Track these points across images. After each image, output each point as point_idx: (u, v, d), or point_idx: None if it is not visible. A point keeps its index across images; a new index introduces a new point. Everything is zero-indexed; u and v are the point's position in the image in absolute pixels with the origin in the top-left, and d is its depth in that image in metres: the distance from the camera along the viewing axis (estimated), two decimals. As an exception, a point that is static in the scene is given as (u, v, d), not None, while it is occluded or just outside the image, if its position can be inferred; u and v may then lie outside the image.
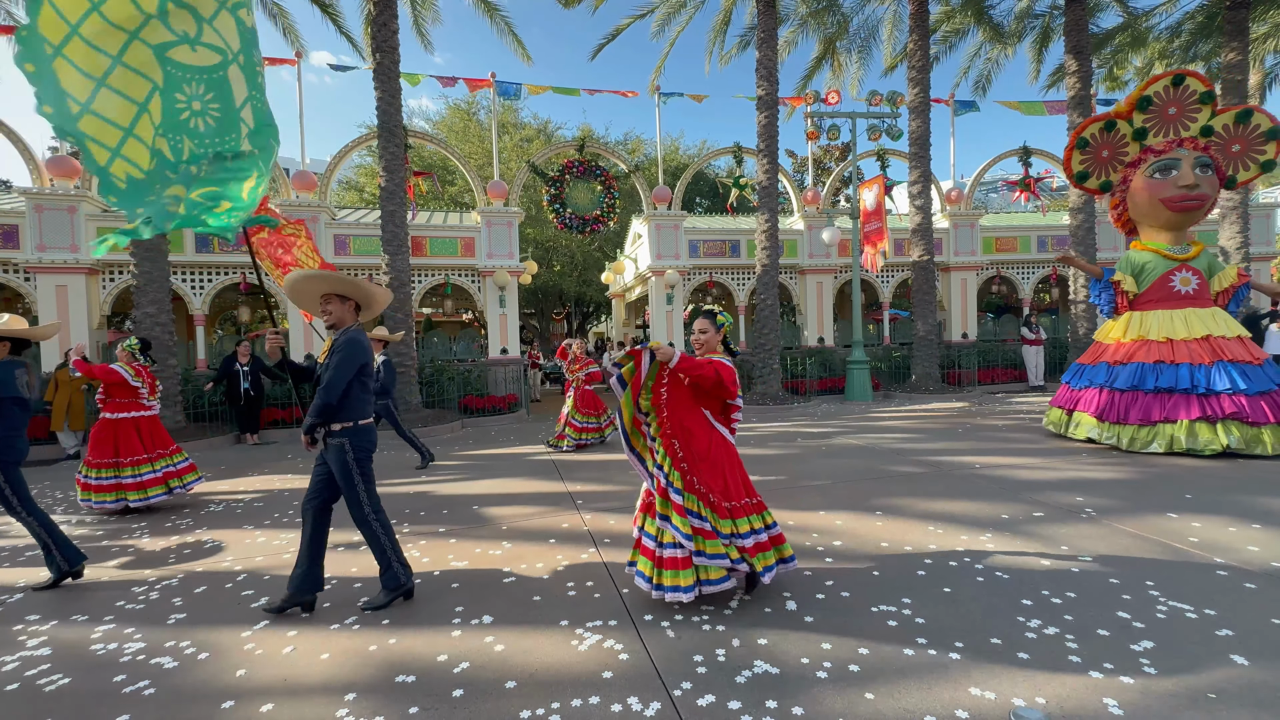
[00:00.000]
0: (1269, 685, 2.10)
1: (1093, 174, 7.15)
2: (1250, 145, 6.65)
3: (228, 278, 11.65)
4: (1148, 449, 5.88)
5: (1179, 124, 6.65)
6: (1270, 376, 5.82)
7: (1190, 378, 5.87)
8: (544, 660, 2.47)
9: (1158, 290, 6.50)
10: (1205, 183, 6.30)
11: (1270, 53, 16.20)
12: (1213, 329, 6.08)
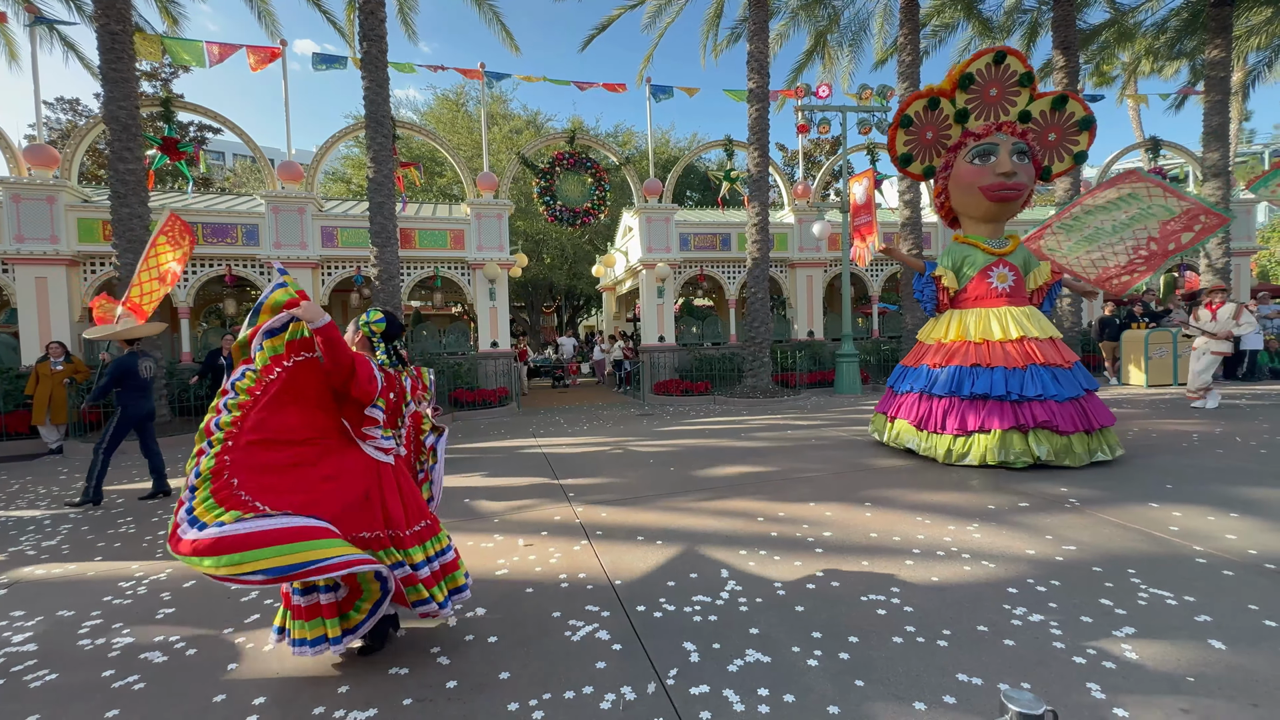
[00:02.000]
0: (1245, 669, 2.16)
1: (917, 157, 6.53)
2: (1065, 135, 6.20)
3: (213, 270, 11.48)
4: (963, 462, 5.42)
5: (1000, 106, 6.14)
6: (1080, 382, 5.46)
7: (1005, 383, 5.40)
8: (537, 652, 2.48)
9: (976, 287, 5.96)
10: (1023, 171, 5.79)
11: (1253, 50, 16.43)
12: (1027, 330, 5.61)
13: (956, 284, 6.07)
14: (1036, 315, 5.81)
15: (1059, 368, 5.45)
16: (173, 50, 11.42)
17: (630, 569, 3.32)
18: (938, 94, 6.24)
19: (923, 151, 6.48)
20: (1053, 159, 6.34)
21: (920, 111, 6.31)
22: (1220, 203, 13.20)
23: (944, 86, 6.23)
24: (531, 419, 10.29)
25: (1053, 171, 6.33)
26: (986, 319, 5.79)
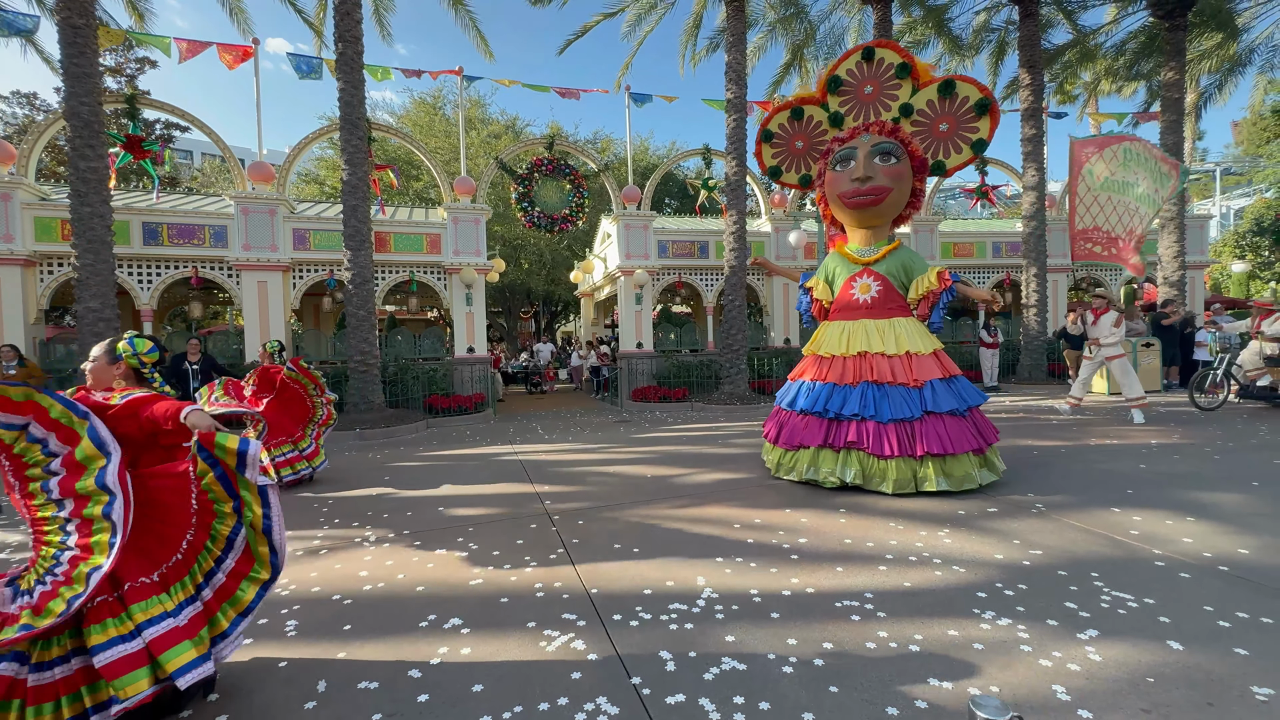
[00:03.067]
0: (1201, 668, 2.24)
1: (787, 168, 6.30)
2: (960, 123, 5.61)
3: (178, 271, 11.15)
4: (787, 476, 5.26)
5: (877, 104, 5.75)
6: (947, 400, 4.89)
7: (827, 399, 5.12)
8: (511, 662, 2.44)
9: (841, 298, 5.58)
10: (883, 173, 5.28)
11: (1204, 74, 17.23)
12: (871, 344, 5.16)
13: (830, 294, 5.70)
14: (899, 328, 5.22)
15: (904, 386, 4.93)
16: (139, 40, 11.12)
17: (607, 577, 3.30)
18: (800, 103, 6.08)
19: (795, 161, 6.29)
20: (947, 151, 5.75)
21: (785, 123, 6.18)
22: (1175, 218, 13.77)
23: (813, 93, 6.09)
24: (508, 425, 10.19)
25: (947, 165, 5.78)
26: (841, 332, 5.41)
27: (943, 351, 5.24)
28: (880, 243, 5.56)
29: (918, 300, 5.29)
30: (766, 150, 6.30)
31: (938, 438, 4.78)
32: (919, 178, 5.44)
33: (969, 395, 5.05)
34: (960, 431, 4.87)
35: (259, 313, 11.38)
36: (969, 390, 5.09)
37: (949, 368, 5.16)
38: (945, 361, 5.19)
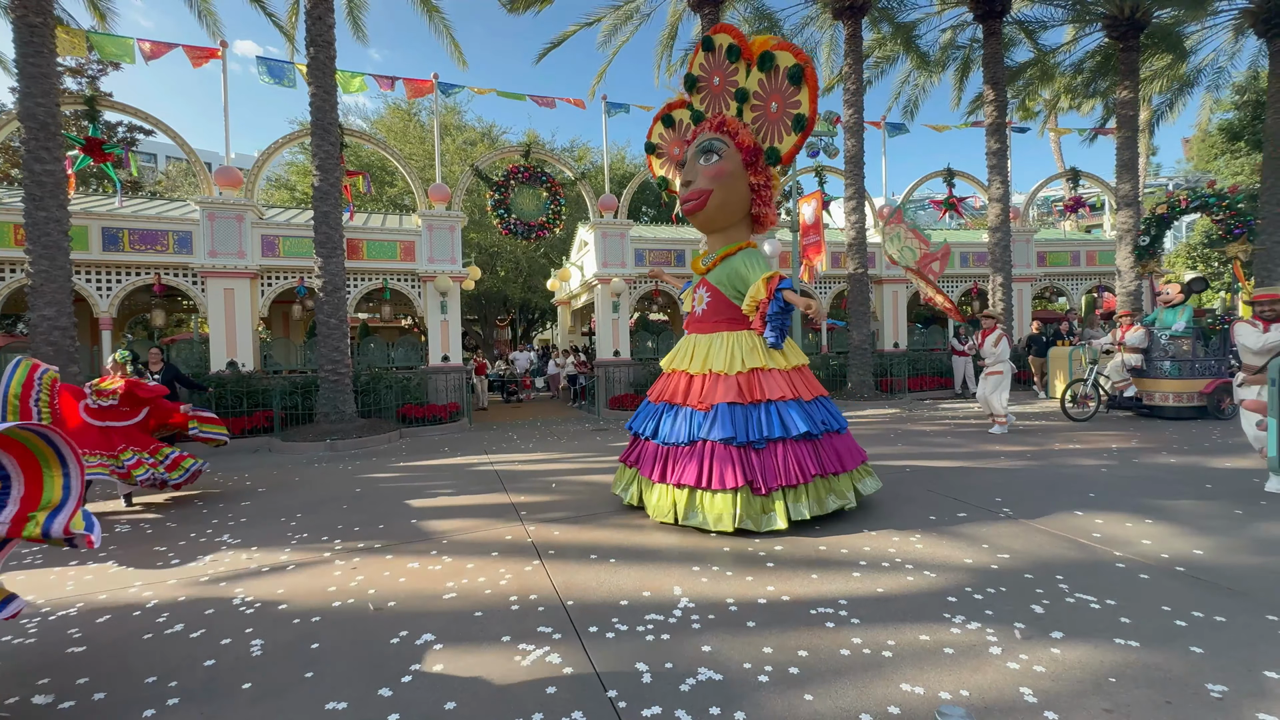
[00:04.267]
0: (1160, 666, 2.31)
1: (674, 176, 5.82)
2: (786, 101, 4.78)
3: (139, 278, 10.80)
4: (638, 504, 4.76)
5: (724, 96, 5.15)
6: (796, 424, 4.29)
7: (672, 424, 4.56)
8: (485, 678, 2.40)
9: (690, 311, 5.15)
10: (703, 174, 4.74)
11: (1156, 92, 18.04)
12: (707, 360, 4.62)
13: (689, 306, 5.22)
14: (732, 343, 4.60)
15: (742, 404, 4.36)
16: (100, 45, 10.79)
17: (583, 589, 3.28)
18: (669, 110, 5.78)
19: (678, 169, 5.73)
20: (780, 135, 4.79)
21: (663, 133, 5.89)
22: (1131, 230, 14.31)
23: (678, 98, 5.72)
24: (484, 435, 10.07)
25: (781, 151, 4.76)
26: (681, 348, 4.97)
27: (795, 369, 4.59)
28: (721, 249, 4.94)
29: (751, 312, 4.54)
30: (655, 162, 5.99)
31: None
32: (754, 170, 4.69)
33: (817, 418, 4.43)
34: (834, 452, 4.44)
35: (225, 321, 11.08)
36: (821, 413, 4.50)
37: (800, 387, 4.51)
38: (799, 380, 4.55)
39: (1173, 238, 34.23)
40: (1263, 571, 3.23)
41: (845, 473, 4.45)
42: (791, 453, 4.26)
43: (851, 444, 4.67)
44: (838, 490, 4.39)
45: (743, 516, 4.09)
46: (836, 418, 4.63)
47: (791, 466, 4.22)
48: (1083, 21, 15.61)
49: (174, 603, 3.30)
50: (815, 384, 4.71)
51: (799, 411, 4.36)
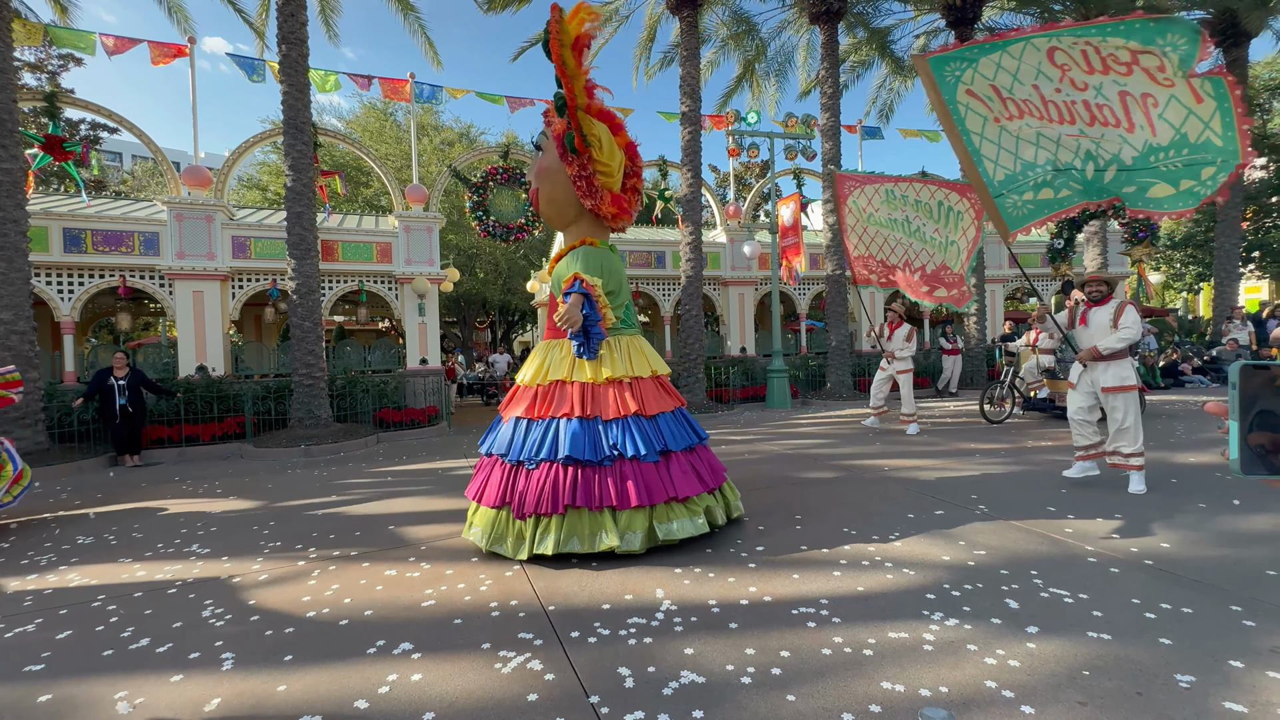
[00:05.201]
0: (1131, 659, 2.37)
1: None
2: None
3: (104, 280, 10.46)
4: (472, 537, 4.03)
5: None
6: (524, 443, 3.88)
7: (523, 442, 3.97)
8: (465, 687, 2.36)
9: None
10: (532, 171, 4.50)
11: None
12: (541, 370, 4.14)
13: None
14: (545, 351, 4.25)
15: (528, 419, 3.99)
16: (59, 38, 10.45)
17: (565, 593, 3.24)
18: None
19: None
20: None
21: None
22: (1098, 232, 14.71)
23: None
24: (463, 439, 9.96)
25: (571, 137, 4.04)
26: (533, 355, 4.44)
27: (621, 381, 4.02)
28: (561, 249, 4.57)
29: None
30: None
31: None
32: (567, 160, 4.11)
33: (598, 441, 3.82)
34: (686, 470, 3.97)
35: (194, 324, 10.79)
36: (621, 436, 3.84)
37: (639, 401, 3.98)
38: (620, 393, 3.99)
39: (1137, 240, 35.27)
40: (1226, 564, 3.34)
41: (624, 509, 3.71)
42: (550, 479, 3.74)
43: (667, 476, 3.86)
44: (608, 527, 3.68)
45: (494, 539, 3.81)
46: (653, 441, 3.87)
47: (545, 494, 3.71)
48: (1050, 29, 16.01)
49: (139, 616, 3.19)
50: (657, 399, 4.05)
51: (578, 432, 3.79)
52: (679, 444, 4.01)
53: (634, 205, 4.48)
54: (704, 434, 4.32)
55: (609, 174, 4.12)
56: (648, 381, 4.13)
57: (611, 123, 4.19)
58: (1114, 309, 5.06)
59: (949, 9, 13.97)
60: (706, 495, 4.04)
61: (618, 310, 4.25)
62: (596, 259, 4.15)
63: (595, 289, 3.96)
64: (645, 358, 4.24)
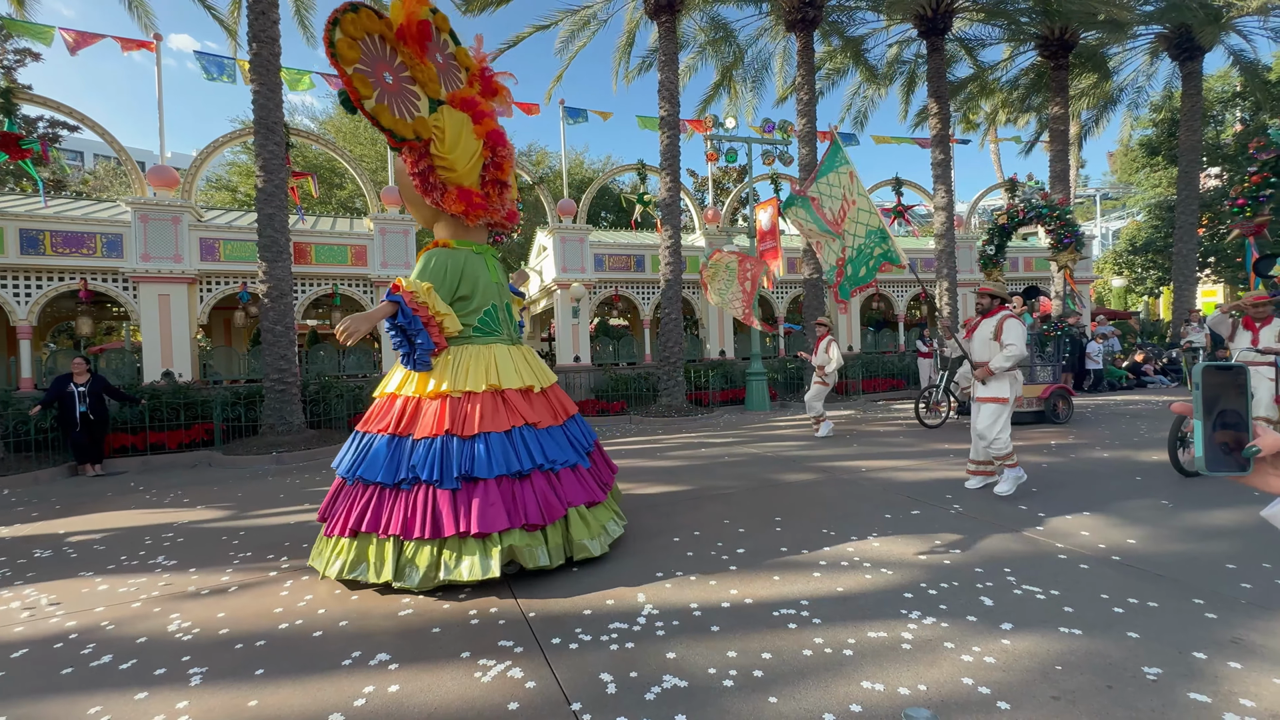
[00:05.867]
0: (1100, 653, 2.43)
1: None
2: None
3: (64, 284, 10.10)
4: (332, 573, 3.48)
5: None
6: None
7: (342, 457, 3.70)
8: (444, 697, 2.32)
9: None
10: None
11: (1085, 109, 19.23)
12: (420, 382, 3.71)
13: None
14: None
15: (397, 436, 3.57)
16: (13, 27, 10.09)
17: (545, 599, 3.21)
18: None
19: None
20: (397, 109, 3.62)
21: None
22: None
23: None
24: (441, 444, 9.81)
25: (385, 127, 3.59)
26: None
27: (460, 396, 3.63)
28: None
29: None
30: None
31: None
32: (404, 156, 3.84)
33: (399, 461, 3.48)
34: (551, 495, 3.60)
35: (160, 328, 10.47)
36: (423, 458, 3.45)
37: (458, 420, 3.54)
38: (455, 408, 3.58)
39: (1100, 244, 36.46)
40: (1188, 558, 3.45)
41: (408, 539, 3.34)
42: (350, 499, 3.52)
43: (467, 507, 3.36)
44: (386, 558, 3.35)
45: (347, 565, 3.44)
46: (453, 466, 3.41)
47: (339, 515, 3.52)
48: (1018, 40, 16.52)
49: (100, 631, 3.07)
50: (490, 417, 3.56)
51: (380, 451, 3.53)
52: (501, 469, 3.44)
53: (498, 200, 4.06)
54: (564, 459, 3.72)
55: (450, 168, 3.75)
56: (482, 396, 3.61)
57: (474, 111, 3.89)
58: (995, 323, 4.97)
59: (921, 19, 14.29)
60: (519, 532, 3.39)
61: (469, 317, 3.87)
62: (440, 262, 3.81)
63: (413, 295, 3.56)
64: (490, 370, 3.72)
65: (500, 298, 4.13)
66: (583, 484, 3.85)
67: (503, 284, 4.23)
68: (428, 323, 3.62)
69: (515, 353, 4.02)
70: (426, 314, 3.61)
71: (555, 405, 4.06)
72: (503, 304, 4.14)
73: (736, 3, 14.54)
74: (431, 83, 3.76)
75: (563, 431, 3.95)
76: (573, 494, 3.72)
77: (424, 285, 3.64)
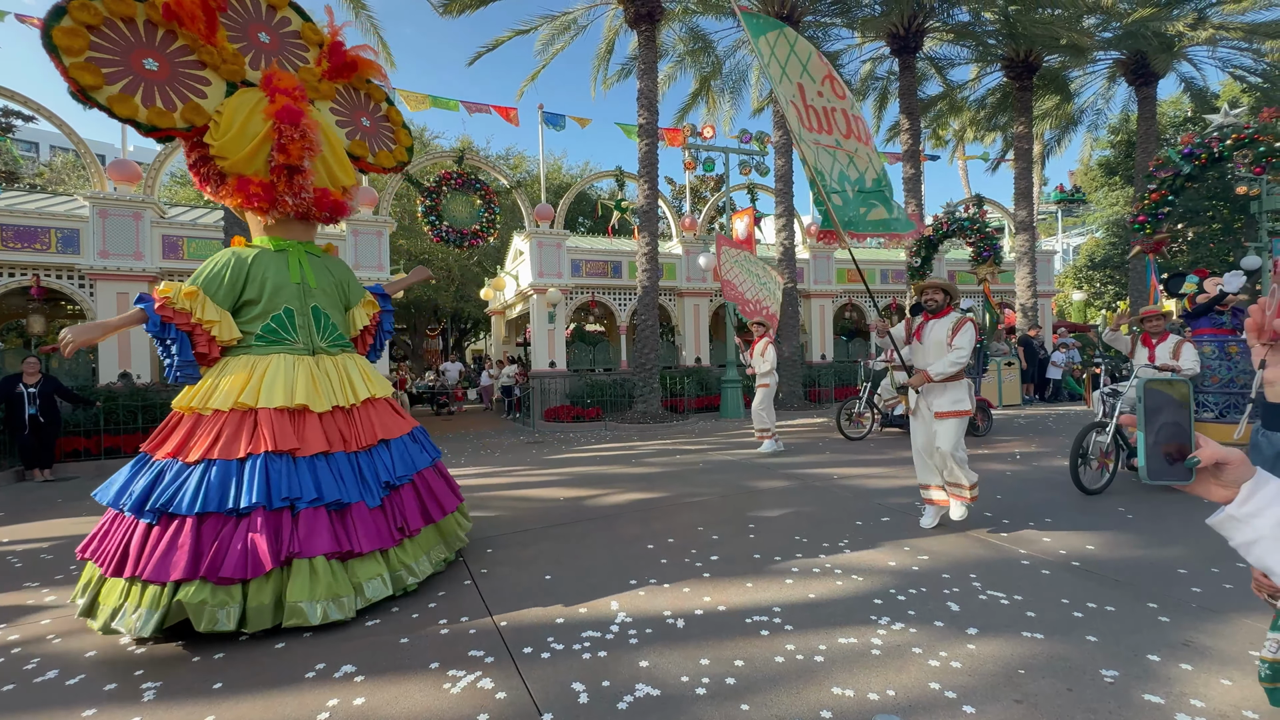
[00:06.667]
0: (1061, 656, 2.50)
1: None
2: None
3: (15, 280, 9.66)
4: None
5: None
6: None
7: (124, 489, 3.10)
8: (411, 709, 2.27)
9: None
10: None
11: (1048, 129, 19.97)
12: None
13: None
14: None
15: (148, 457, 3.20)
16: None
17: (517, 608, 3.17)
18: None
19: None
20: None
21: None
22: (1028, 252, 15.67)
23: None
24: (412, 449, 9.63)
25: None
26: None
27: (210, 414, 3.21)
28: None
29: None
30: None
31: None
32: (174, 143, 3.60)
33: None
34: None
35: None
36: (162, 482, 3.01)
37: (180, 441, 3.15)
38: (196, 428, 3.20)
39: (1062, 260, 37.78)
40: (1143, 563, 3.58)
41: (117, 577, 2.92)
42: (138, 532, 2.98)
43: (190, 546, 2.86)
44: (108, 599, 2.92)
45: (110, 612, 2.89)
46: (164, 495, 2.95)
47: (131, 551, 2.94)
48: (985, 61, 17.08)
49: (47, 646, 2.92)
50: (228, 441, 3.10)
51: (125, 475, 3.16)
52: (213, 504, 2.93)
53: (285, 188, 3.51)
54: (320, 496, 3.13)
55: (222, 156, 3.41)
56: (227, 416, 3.17)
57: (269, 90, 3.50)
58: (952, 323, 4.29)
59: (893, 37, 14.68)
60: (200, 585, 2.81)
61: (252, 324, 3.47)
62: (221, 264, 3.45)
63: (168, 302, 3.19)
64: (250, 386, 3.25)
65: (302, 301, 3.61)
66: (346, 529, 3.17)
67: (318, 286, 3.70)
68: (192, 331, 3.27)
69: (304, 365, 3.44)
70: (188, 321, 3.24)
71: (353, 429, 3.46)
72: (305, 308, 3.61)
73: (716, 14, 14.73)
74: (228, 64, 3.48)
75: (349, 461, 3.35)
76: (314, 542, 3.03)
77: (186, 289, 3.26)
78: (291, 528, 3.05)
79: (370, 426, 3.55)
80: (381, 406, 3.72)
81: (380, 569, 3.23)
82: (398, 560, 3.36)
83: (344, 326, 3.89)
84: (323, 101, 3.95)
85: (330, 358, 3.64)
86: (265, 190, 3.49)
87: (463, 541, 3.96)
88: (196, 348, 3.31)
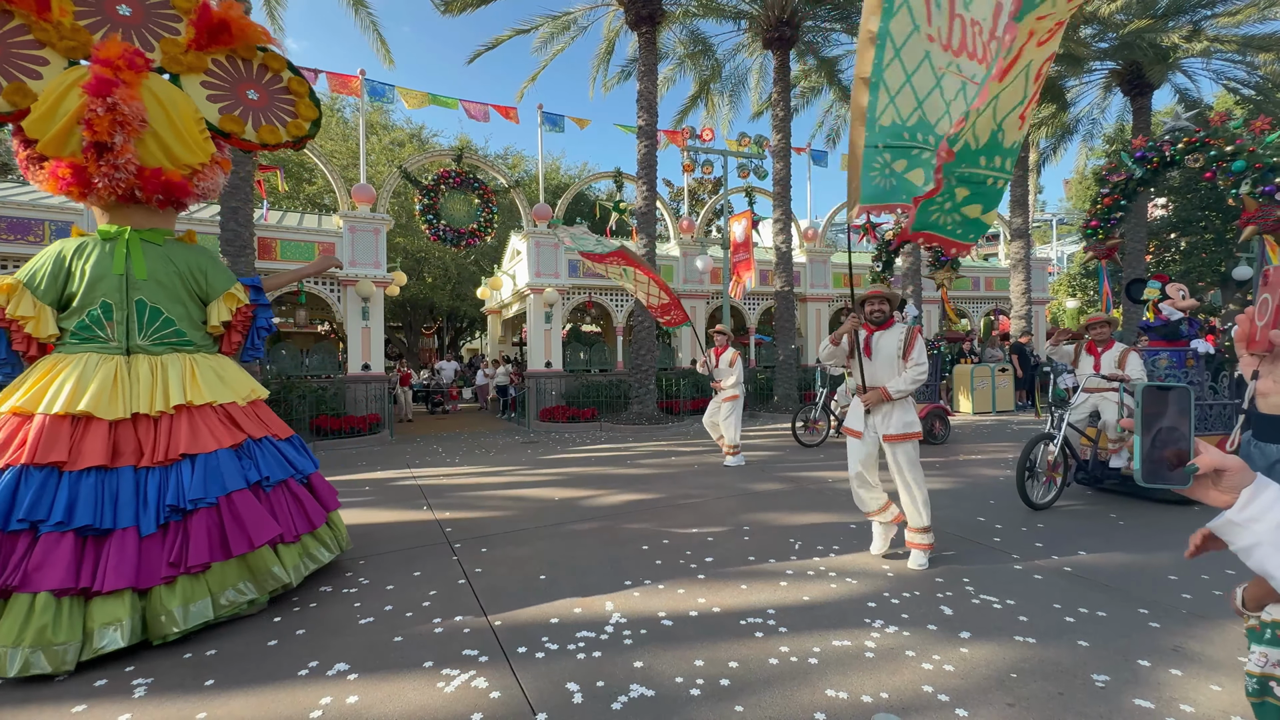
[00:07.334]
0: (1053, 660, 2.51)
1: None
2: None
3: (5, 273, 9.58)
4: None
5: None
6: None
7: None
8: (404, 708, 2.26)
9: None
10: None
11: (1043, 138, 20.11)
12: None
13: None
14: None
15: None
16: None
17: (511, 607, 3.17)
18: None
19: None
20: None
21: None
22: (1023, 260, 15.77)
23: None
24: (407, 447, 9.62)
25: None
26: None
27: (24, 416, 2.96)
28: None
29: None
30: None
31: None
32: None
33: None
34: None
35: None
36: None
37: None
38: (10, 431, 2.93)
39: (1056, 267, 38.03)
40: (1133, 569, 3.60)
41: None
42: None
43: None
44: None
45: None
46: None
47: None
48: (982, 69, 17.17)
49: None
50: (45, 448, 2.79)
51: None
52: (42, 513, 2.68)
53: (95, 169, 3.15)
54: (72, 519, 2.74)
55: (34, 137, 3.14)
56: (7, 421, 2.92)
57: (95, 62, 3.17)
58: (903, 336, 3.86)
59: (892, 44, 14.71)
60: None
61: (68, 319, 3.21)
62: (43, 257, 3.26)
63: None
64: (33, 389, 2.98)
65: (124, 294, 3.26)
66: (98, 560, 2.76)
67: (149, 277, 3.35)
68: (9, 327, 3.08)
69: (107, 366, 3.11)
70: (3, 316, 3.07)
71: (151, 441, 3.07)
72: (125, 302, 3.26)
73: (716, 18, 14.76)
74: (65, 40, 3.23)
75: (134, 478, 2.97)
76: (44, 574, 2.63)
77: (6, 282, 3.07)
78: (24, 554, 2.65)
79: (175, 439, 3.09)
80: (202, 415, 3.23)
81: (123, 613, 2.71)
82: (160, 603, 2.81)
83: (188, 321, 3.49)
84: (190, 75, 3.61)
85: (150, 358, 3.27)
86: (75, 172, 3.14)
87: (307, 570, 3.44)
88: (13, 345, 3.12)
